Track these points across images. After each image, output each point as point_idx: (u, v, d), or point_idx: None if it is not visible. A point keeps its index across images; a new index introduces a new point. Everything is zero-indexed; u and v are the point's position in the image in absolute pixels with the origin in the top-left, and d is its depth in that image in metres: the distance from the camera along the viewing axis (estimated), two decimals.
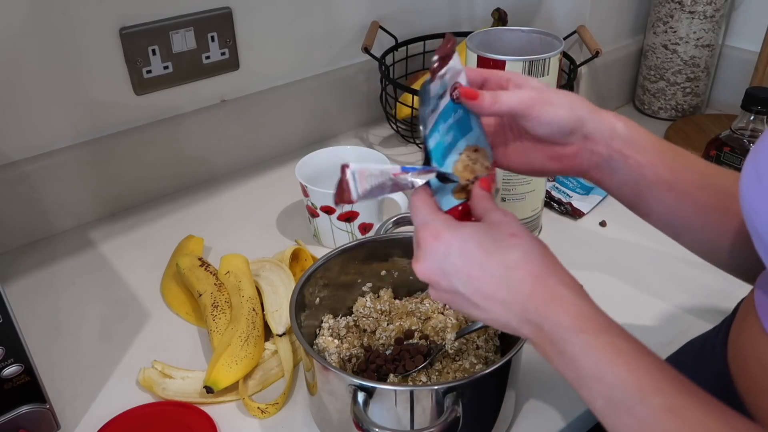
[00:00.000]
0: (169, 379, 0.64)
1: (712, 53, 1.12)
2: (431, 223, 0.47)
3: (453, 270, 0.45)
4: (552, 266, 0.45)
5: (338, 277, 0.66)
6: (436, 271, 0.46)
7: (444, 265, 0.46)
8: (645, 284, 0.78)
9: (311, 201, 0.80)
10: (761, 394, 0.43)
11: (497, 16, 1.07)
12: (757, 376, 0.44)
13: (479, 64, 0.73)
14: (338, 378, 0.53)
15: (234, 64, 0.96)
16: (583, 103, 0.51)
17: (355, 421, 0.50)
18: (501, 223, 0.46)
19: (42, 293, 0.78)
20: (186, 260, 0.76)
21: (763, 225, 0.38)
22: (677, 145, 0.53)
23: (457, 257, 0.45)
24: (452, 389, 0.50)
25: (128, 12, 0.84)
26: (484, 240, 0.45)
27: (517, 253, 0.44)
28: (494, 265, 0.44)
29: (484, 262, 0.45)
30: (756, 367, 0.44)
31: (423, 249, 0.47)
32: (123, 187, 0.92)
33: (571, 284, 0.44)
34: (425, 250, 0.46)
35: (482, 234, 0.45)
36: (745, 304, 0.47)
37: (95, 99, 0.86)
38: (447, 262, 0.45)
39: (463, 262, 0.45)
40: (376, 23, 1.07)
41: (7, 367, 0.53)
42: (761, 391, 0.43)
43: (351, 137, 1.12)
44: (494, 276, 0.44)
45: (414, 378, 0.60)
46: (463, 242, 0.45)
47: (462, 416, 0.50)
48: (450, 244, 0.45)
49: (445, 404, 0.50)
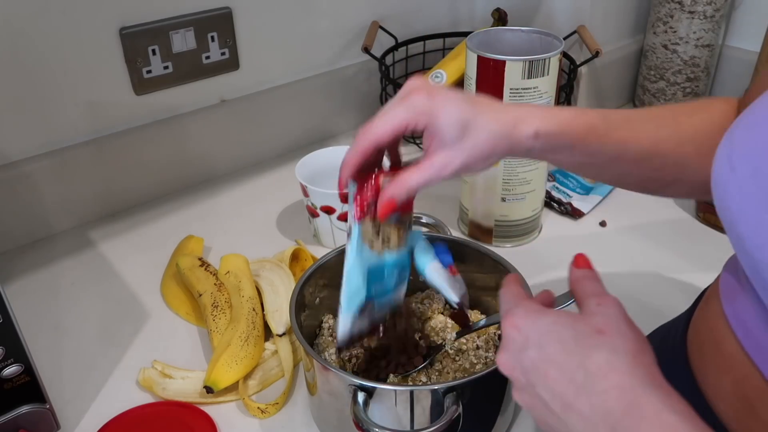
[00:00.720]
0: (169, 379, 0.64)
1: (712, 53, 1.12)
2: (512, 310, 0.42)
3: (531, 366, 0.39)
4: (646, 376, 0.36)
5: (338, 277, 0.66)
6: (514, 365, 0.41)
7: (522, 359, 0.40)
8: (645, 283, 0.78)
9: (311, 201, 0.80)
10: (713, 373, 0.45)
11: (497, 16, 1.07)
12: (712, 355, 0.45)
13: (479, 64, 0.73)
14: (338, 378, 0.53)
15: (234, 64, 0.96)
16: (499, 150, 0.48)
17: (355, 421, 0.50)
18: (591, 314, 0.39)
19: (42, 293, 0.78)
20: (186, 260, 0.76)
21: (735, 215, 0.38)
22: None
23: (535, 352, 0.39)
24: (452, 389, 0.50)
25: (128, 12, 0.84)
26: (565, 335, 0.38)
27: (601, 356, 0.36)
28: (573, 367, 0.37)
29: (563, 363, 0.37)
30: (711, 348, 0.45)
31: (504, 340, 0.42)
32: (123, 187, 0.92)
33: (672, 402, 0.34)
34: (505, 340, 0.42)
35: (565, 326, 0.39)
36: (711, 290, 0.49)
37: (95, 99, 0.86)
38: (525, 356, 0.40)
39: (541, 359, 0.39)
40: (376, 23, 1.07)
41: (7, 367, 0.53)
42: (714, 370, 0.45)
43: (351, 137, 1.12)
44: (573, 382, 0.37)
45: (414, 378, 0.60)
46: (541, 335, 0.39)
47: (462, 416, 0.50)
48: (528, 336, 0.40)
49: (445, 404, 0.50)
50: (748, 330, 0.41)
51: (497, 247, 0.83)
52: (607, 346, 0.37)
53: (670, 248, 0.81)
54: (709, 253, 0.67)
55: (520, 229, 0.83)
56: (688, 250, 0.82)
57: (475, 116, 0.48)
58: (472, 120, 0.48)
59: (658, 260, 0.81)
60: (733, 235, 0.39)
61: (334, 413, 0.56)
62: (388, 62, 1.09)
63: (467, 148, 0.48)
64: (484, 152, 0.48)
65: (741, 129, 0.39)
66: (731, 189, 0.38)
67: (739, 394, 0.42)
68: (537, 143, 0.49)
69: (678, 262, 0.79)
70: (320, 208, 0.80)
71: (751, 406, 0.41)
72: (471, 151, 0.48)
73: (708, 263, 0.55)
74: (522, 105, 0.51)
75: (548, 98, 0.75)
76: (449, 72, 1.01)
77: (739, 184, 0.37)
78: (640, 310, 0.73)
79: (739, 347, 0.42)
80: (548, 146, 0.49)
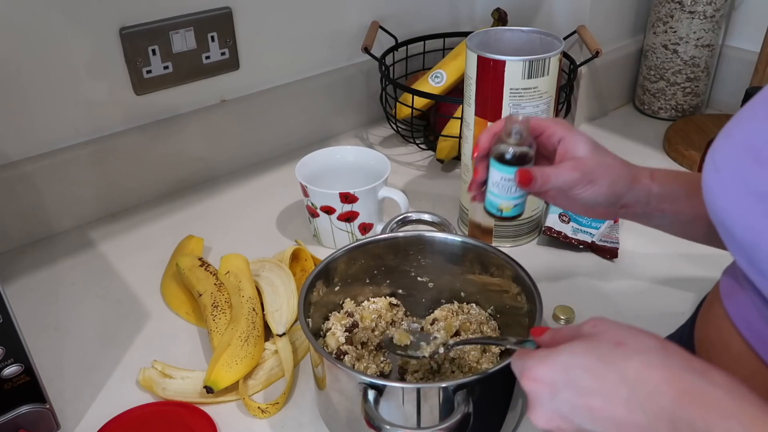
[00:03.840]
0: (169, 379, 0.64)
1: (712, 53, 1.12)
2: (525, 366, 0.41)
3: (570, 409, 0.39)
4: (684, 361, 0.37)
5: (344, 276, 0.66)
6: (552, 417, 0.40)
7: (558, 407, 0.39)
8: (645, 283, 0.78)
9: (311, 201, 0.80)
10: None
11: (497, 16, 1.07)
12: (720, 355, 0.46)
13: (479, 64, 0.73)
14: (348, 376, 0.53)
15: (234, 64, 0.96)
16: (622, 178, 0.54)
17: (366, 419, 0.50)
18: (598, 334, 0.40)
19: (42, 293, 0.78)
20: (186, 260, 0.76)
21: (722, 211, 0.41)
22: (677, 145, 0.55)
23: (568, 393, 0.39)
24: (462, 387, 0.50)
25: (128, 12, 0.84)
26: (589, 361, 0.38)
27: (634, 363, 0.37)
28: (612, 387, 0.37)
29: (600, 389, 0.37)
30: (719, 348, 0.46)
31: (530, 398, 0.41)
32: (123, 187, 0.92)
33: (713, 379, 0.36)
34: (532, 398, 0.41)
35: (584, 355, 0.39)
36: (711, 294, 0.50)
37: (95, 99, 0.86)
38: (560, 402, 0.39)
39: (577, 396, 0.38)
40: (376, 23, 1.07)
41: (7, 367, 0.53)
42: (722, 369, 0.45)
43: (351, 137, 1.12)
44: (619, 399, 0.37)
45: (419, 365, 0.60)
46: (565, 373, 0.39)
47: (473, 413, 0.50)
48: (552, 382, 0.39)
49: (455, 402, 0.50)
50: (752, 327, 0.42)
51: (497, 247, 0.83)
52: (634, 352, 0.37)
53: (671, 248, 0.81)
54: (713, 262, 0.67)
55: (520, 229, 0.83)
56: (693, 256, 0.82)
57: (600, 146, 0.55)
58: (600, 147, 0.55)
59: (659, 260, 0.81)
60: (725, 233, 0.41)
61: (342, 411, 0.56)
62: (388, 62, 1.09)
63: (596, 159, 0.53)
64: (611, 168, 0.53)
65: (718, 137, 0.44)
66: (717, 188, 0.42)
67: None
68: (654, 185, 0.54)
69: (681, 260, 0.79)
70: (320, 208, 0.80)
71: None
72: (600, 162, 0.53)
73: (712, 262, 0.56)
74: None
75: (548, 98, 0.75)
76: (449, 72, 1.01)
77: (723, 181, 0.41)
78: (642, 309, 0.74)
79: (745, 345, 0.43)
80: (666, 192, 0.54)
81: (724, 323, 0.45)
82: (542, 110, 0.75)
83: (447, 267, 0.67)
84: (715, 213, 0.43)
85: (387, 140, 1.11)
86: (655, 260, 0.80)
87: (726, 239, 0.42)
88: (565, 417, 0.39)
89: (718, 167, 0.42)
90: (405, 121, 1.05)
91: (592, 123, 1.15)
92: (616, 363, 0.37)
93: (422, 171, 1.02)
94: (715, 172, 0.42)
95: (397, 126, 1.07)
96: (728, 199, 0.40)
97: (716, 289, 0.49)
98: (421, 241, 0.67)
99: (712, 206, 0.43)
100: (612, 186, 0.53)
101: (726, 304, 0.45)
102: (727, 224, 0.41)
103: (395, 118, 1.05)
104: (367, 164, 0.87)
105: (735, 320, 0.44)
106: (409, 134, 1.06)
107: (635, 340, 0.38)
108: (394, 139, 1.11)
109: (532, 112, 0.74)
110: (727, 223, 0.41)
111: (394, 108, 1.05)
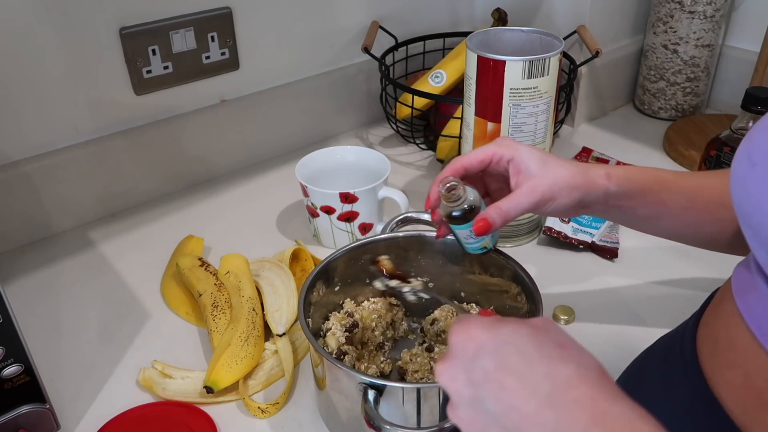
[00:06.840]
0: (169, 379, 0.64)
1: (712, 53, 1.12)
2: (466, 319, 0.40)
3: (481, 377, 0.37)
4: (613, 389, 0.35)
5: (343, 276, 0.66)
6: (458, 375, 0.38)
7: (472, 370, 0.37)
8: (645, 283, 0.78)
9: (311, 201, 0.80)
10: (724, 368, 0.46)
11: (497, 16, 1.07)
12: (725, 351, 0.46)
13: (479, 64, 0.73)
14: (348, 376, 0.53)
15: (234, 64, 0.96)
16: (579, 185, 0.55)
17: (366, 419, 0.50)
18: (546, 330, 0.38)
19: (42, 293, 0.78)
20: (186, 260, 0.76)
21: (753, 206, 0.40)
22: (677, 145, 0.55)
23: (489, 361, 0.37)
24: None
25: (128, 12, 0.84)
26: (527, 346, 0.37)
27: (570, 368, 0.35)
28: (537, 378, 0.35)
29: (524, 374, 0.35)
30: (724, 344, 0.46)
31: (451, 349, 0.40)
32: (123, 187, 0.92)
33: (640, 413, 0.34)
34: (453, 351, 0.39)
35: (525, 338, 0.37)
36: (722, 291, 0.50)
37: (95, 99, 0.86)
38: (476, 367, 0.37)
39: (496, 369, 0.36)
40: (376, 23, 1.07)
41: (7, 367, 0.53)
42: (725, 365, 0.46)
43: (351, 137, 1.12)
44: (536, 392, 0.35)
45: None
46: (499, 344, 0.37)
47: None
48: (482, 345, 0.38)
49: None
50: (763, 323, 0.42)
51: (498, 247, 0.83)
52: (574, 358, 0.36)
53: (673, 246, 0.81)
54: None
55: (520, 228, 0.83)
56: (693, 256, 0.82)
57: (549, 156, 0.56)
58: (549, 159, 0.56)
59: (659, 259, 0.81)
60: (748, 228, 0.41)
61: (342, 410, 0.56)
62: (388, 62, 1.09)
63: (549, 176, 0.55)
64: (566, 180, 0.55)
65: (759, 131, 0.42)
66: (749, 183, 0.41)
67: (749, 387, 0.43)
68: (611, 184, 0.55)
69: (681, 259, 0.79)
70: (320, 208, 0.80)
71: (761, 398, 0.42)
72: (554, 179, 0.55)
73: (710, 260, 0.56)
74: None
75: (548, 98, 0.75)
76: (449, 72, 1.01)
77: (759, 177, 0.40)
78: (642, 308, 0.74)
79: (753, 341, 0.42)
80: (623, 190, 0.55)
81: (733, 320, 0.45)
82: (542, 110, 0.75)
83: (447, 267, 0.67)
84: (742, 207, 0.41)
85: (387, 140, 1.11)
86: (655, 260, 0.80)
87: (750, 236, 0.41)
88: (472, 383, 0.37)
89: (755, 161, 0.40)
90: (405, 121, 1.05)
91: (592, 123, 1.15)
92: (552, 360, 0.36)
93: (422, 171, 1.02)
94: (750, 166, 0.41)
95: (397, 126, 1.07)
96: (761, 197, 0.39)
97: (727, 286, 0.49)
98: (421, 241, 0.67)
99: (741, 200, 0.42)
100: (570, 196, 0.55)
101: (737, 300, 0.45)
102: (755, 219, 0.39)
103: (395, 118, 1.05)
104: (367, 164, 0.87)
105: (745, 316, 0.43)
106: (409, 134, 1.06)
107: (579, 352, 0.37)
108: (394, 139, 1.11)
109: (532, 112, 0.74)
110: (755, 219, 0.39)
111: (394, 108, 1.05)
